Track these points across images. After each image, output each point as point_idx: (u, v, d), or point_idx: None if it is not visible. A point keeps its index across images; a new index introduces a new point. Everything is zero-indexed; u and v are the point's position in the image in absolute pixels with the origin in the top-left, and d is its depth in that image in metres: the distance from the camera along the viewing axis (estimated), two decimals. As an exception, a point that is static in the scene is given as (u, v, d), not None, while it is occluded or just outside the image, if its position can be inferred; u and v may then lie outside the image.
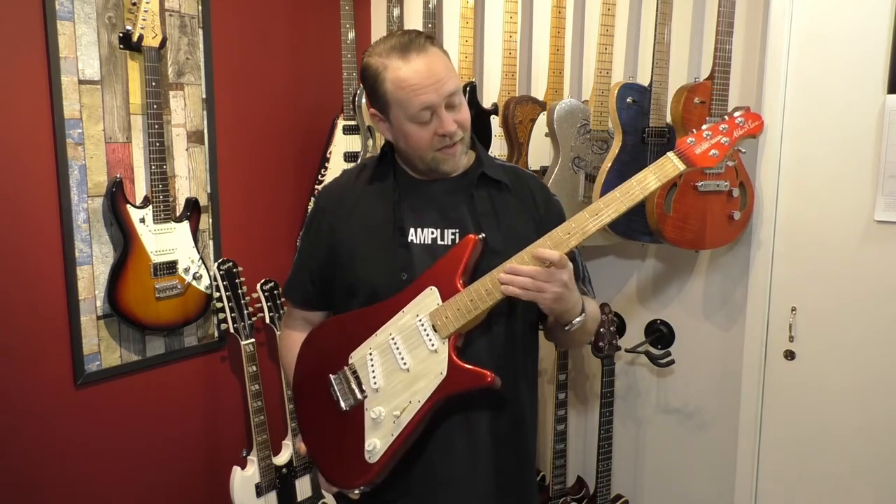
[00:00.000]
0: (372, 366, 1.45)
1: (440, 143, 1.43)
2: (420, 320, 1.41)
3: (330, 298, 1.58)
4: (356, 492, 1.47)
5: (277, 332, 2.55)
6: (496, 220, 1.49)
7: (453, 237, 1.48)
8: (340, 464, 1.48)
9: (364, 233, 1.51)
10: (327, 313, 1.63)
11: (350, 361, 1.48)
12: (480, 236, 1.40)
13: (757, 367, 2.28)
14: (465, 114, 1.45)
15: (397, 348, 1.43)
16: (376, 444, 1.43)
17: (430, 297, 1.41)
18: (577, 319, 1.42)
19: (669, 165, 1.37)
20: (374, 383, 1.44)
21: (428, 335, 1.40)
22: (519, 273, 1.33)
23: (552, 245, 1.35)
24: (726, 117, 1.41)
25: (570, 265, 1.36)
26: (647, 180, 1.36)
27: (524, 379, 1.54)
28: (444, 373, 1.38)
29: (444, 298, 1.39)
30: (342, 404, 1.47)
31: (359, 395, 1.46)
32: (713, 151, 1.38)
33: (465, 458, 1.48)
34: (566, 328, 1.43)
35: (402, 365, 1.42)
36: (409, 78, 1.38)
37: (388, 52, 1.41)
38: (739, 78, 2.22)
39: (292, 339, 1.63)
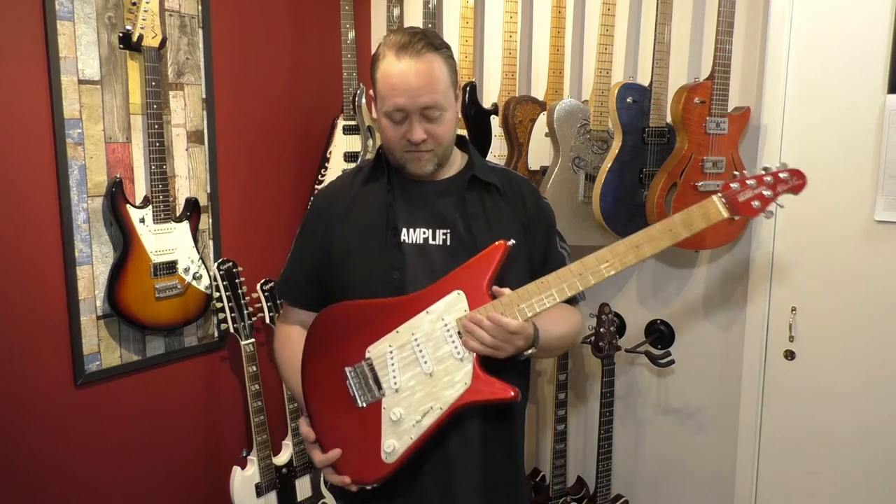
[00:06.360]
0: (392, 365, 1.43)
1: (407, 146, 1.47)
2: (446, 325, 1.40)
3: (324, 298, 1.58)
4: (368, 487, 1.46)
5: (277, 332, 2.55)
6: (486, 222, 1.52)
7: (444, 237, 1.50)
8: (353, 458, 1.46)
9: (358, 232, 1.54)
10: None
11: (367, 355, 1.46)
12: (510, 242, 1.39)
13: (757, 367, 2.28)
14: (442, 128, 1.46)
15: (420, 350, 1.41)
16: (395, 445, 1.42)
17: (457, 303, 1.40)
18: (528, 352, 1.43)
19: (714, 210, 1.41)
20: (395, 383, 1.43)
21: (454, 342, 1.39)
22: (481, 328, 1.36)
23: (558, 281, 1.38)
24: (770, 168, 1.45)
25: (530, 330, 1.40)
26: (693, 220, 1.40)
27: (513, 371, 1.54)
28: (469, 384, 1.38)
29: (471, 306, 1.39)
30: (359, 402, 1.46)
31: (377, 394, 1.44)
32: (756, 202, 1.42)
33: (456, 455, 1.49)
34: (520, 358, 1.45)
35: (424, 368, 1.41)
36: (392, 76, 1.42)
37: (391, 44, 1.44)
38: (739, 78, 2.21)
39: (289, 336, 1.64)
